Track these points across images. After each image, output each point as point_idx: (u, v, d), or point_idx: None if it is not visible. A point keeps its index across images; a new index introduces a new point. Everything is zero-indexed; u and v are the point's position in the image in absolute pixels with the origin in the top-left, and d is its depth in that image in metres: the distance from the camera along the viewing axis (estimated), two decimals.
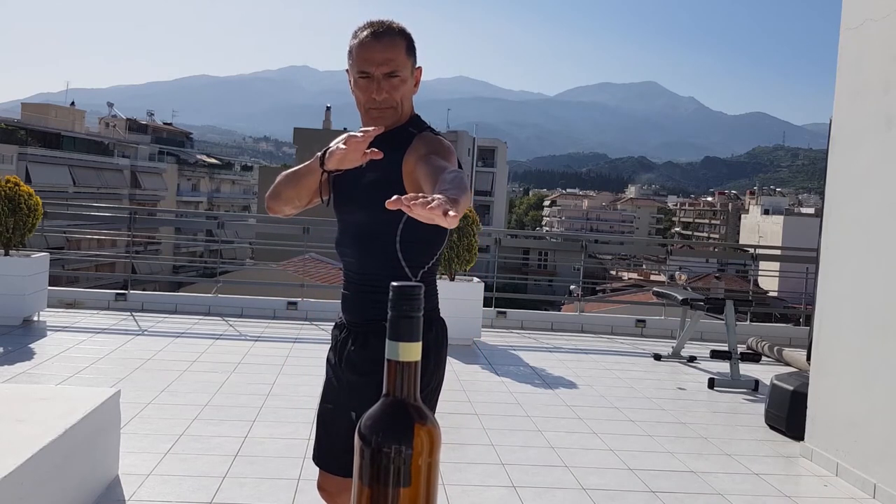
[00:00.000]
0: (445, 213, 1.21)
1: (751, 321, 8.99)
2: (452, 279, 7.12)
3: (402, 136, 1.83)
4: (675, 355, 6.94)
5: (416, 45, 1.87)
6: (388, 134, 1.83)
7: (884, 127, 3.91)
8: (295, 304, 8.00)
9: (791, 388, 4.72)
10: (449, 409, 4.76)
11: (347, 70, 1.86)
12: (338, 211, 1.92)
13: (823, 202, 4.61)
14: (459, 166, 1.82)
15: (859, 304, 4.01)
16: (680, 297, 7.00)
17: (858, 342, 3.98)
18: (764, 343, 7.57)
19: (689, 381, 6.17)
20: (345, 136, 1.68)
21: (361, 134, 1.61)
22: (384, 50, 1.77)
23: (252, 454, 3.72)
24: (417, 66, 1.87)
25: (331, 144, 1.77)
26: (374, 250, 1.84)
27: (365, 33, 1.79)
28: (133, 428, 3.96)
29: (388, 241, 1.81)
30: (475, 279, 7.44)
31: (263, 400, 4.71)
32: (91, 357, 5.54)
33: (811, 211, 58.34)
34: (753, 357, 7.16)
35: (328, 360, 1.96)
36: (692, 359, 6.88)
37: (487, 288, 7.80)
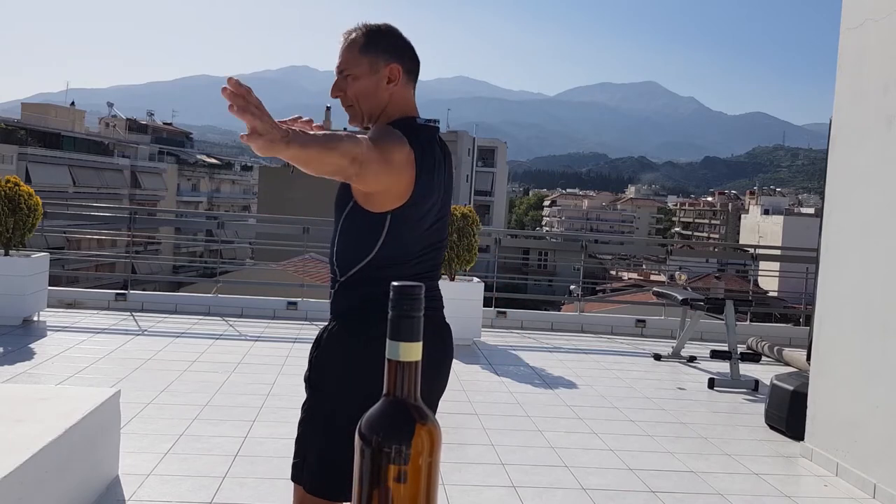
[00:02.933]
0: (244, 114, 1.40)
1: (751, 321, 8.99)
2: (452, 279, 7.12)
3: None
4: (675, 355, 6.94)
5: (394, 42, 1.85)
6: None
7: (884, 127, 3.91)
8: (295, 304, 8.00)
9: (791, 388, 4.72)
10: (449, 409, 4.76)
11: None
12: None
13: (823, 202, 4.61)
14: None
15: (859, 304, 4.01)
16: (680, 297, 7.00)
17: (858, 342, 3.98)
18: (764, 343, 7.57)
19: (689, 381, 6.17)
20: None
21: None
22: (341, 52, 1.84)
23: (252, 454, 3.72)
24: (389, 63, 1.82)
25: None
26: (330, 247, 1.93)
27: None
28: (133, 428, 3.95)
29: (334, 240, 1.87)
30: (475, 279, 7.44)
31: (263, 400, 4.71)
32: (91, 357, 5.53)
33: (811, 211, 58.35)
34: (753, 357, 7.15)
35: None
36: (692, 359, 6.88)
37: (487, 288, 7.80)
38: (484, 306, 7.47)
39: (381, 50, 1.83)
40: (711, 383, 5.98)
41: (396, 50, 1.85)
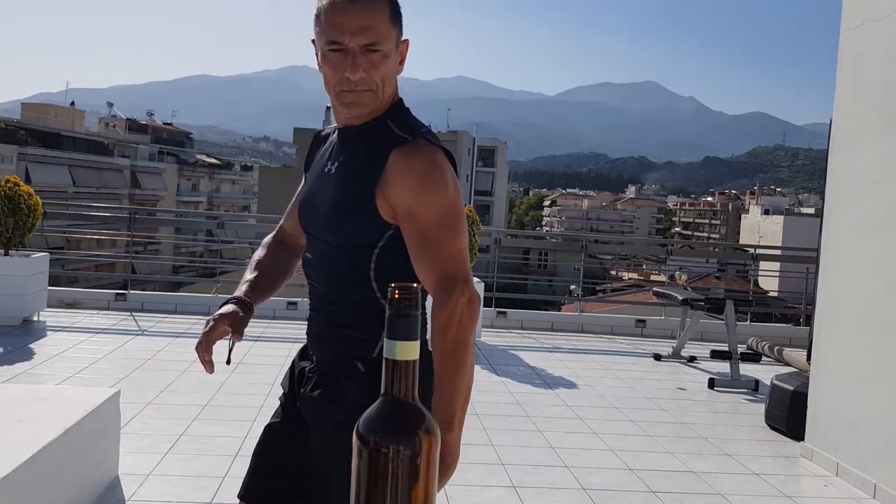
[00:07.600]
0: None
1: (751, 321, 8.99)
2: None
3: (381, 137, 1.48)
4: (676, 355, 6.94)
5: (403, 17, 1.49)
6: (363, 128, 1.50)
7: (884, 127, 3.91)
8: (295, 304, 7.99)
9: (791, 388, 4.71)
10: None
11: (313, 40, 1.47)
12: (301, 224, 1.62)
13: (823, 202, 4.61)
14: (455, 173, 1.50)
15: (859, 304, 4.00)
16: (680, 297, 7.00)
17: (858, 342, 3.98)
18: (764, 343, 7.57)
19: (689, 382, 6.17)
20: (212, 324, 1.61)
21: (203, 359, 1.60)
22: (361, 14, 1.39)
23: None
24: (403, 38, 1.48)
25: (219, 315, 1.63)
26: (341, 278, 1.54)
27: None
28: (133, 428, 3.95)
29: (361, 269, 1.50)
30: (475, 279, 7.44)
31: (263, 400, 4.70)
32: (91, 357, 5.53)
33: (811, 211, 58.33)
34: (753, 357, 7.15)
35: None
36: (692, 359, 6.88)
37: (487, 288, 7.80)
38: (484, 306, 7.47)
39: (400, 21, 1.47)
40: (711, 383, 5.98)
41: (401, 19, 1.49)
